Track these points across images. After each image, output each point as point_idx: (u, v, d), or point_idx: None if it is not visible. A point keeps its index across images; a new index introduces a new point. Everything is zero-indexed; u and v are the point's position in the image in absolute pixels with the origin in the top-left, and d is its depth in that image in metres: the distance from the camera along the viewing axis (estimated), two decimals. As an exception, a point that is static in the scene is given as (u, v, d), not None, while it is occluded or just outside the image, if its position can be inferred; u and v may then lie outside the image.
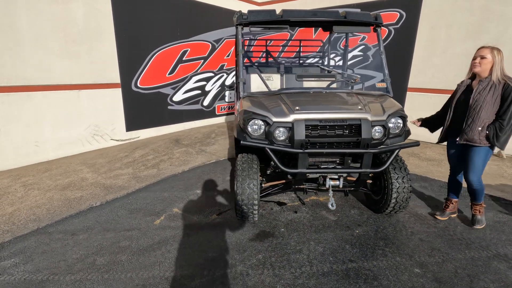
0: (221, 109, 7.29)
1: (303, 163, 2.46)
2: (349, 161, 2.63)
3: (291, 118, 2.47)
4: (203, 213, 3.08)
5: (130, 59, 5.24)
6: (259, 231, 2.75)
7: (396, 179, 2.70)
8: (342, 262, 2.31)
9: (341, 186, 2.55)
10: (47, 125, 4.45)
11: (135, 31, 5.19)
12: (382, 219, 2.95)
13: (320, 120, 2.44)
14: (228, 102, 7.37)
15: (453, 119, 2.68)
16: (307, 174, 2.53)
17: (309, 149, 2.43)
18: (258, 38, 6.72)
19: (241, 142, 2.48)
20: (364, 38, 6.10)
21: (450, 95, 2.80)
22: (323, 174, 2.57)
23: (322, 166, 2.60)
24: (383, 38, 6.06)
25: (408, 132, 2.75)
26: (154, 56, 5.58)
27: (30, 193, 3.44)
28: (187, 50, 6.13)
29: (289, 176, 2.74)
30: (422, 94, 5.54)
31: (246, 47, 4.46)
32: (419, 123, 3.03)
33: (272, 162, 2.89)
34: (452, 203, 2.92)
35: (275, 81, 4.05)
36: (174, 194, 3.51)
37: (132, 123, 5.50)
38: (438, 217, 2.92)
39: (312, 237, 2.65)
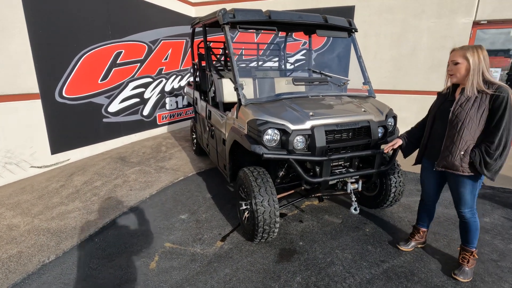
0: (163, 118, 6.52)
1: (327, 171, 2.36)
2: (356, 163, 2.68)
3: (308, 125, 2.34)
4: (204, 242, 2.63)
5: (51, 62, 4.09)
6: (279, 250, 2.51)
7: (393, 174, 2.89)
8: (376, 264, 2.31)
9: (360, 188, 2.57)
10: None
11: (55, 26, 4.08)
12: (379, 214, 3.11)
13: (337, 125, 2.40)
14: (169, 110, 6.66)
15: (431, 137, 2.13)
16: (329, 181, 2.45)
17: (329, 155, 2.35)
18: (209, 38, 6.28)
19: (264, 155, 2.21)
20: (305, 43, 6.43)
21: (383, 94, 2.63)
22: (342, 179, 2.53)
23: (337, 171, 2.56)
24: (322, 45, 6.58)
25: (398, 131, 2.97)
26: (82, 59, 4.52)
27: None
28: (121, 51, 5.22)
29: (304, 186, 2.60)
30: (359, 94, 6.19)
31: (200, 50, 4.12)
32: (396, 145, 2.33)
33: (279, 173, 2.72)
34: (420, 233, 2.46)
35: (248, 86, 3.81)
36: (154, 225, 2.89)
37: (58, 143, 4.32)
38: (402, 248, 2.46)
39: (333, 245, 2.57)
